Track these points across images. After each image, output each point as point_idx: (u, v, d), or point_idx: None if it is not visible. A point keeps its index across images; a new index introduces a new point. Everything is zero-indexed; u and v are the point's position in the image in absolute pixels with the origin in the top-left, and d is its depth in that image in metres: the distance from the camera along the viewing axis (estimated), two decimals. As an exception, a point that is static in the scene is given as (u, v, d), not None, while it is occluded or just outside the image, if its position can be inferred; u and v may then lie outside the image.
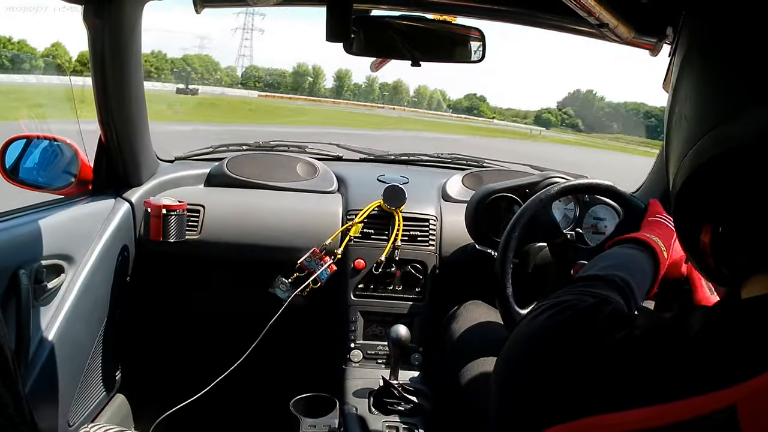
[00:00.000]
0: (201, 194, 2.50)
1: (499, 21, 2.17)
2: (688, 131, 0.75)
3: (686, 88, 0.77)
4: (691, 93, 0.76)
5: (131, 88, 2.12)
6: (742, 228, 0.69)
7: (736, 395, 0.56)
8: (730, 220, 0.71)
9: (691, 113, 0.75)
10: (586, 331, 0.73)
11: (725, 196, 0.69)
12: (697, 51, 0.76)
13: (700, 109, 0.74)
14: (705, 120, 0.71)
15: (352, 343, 2.29)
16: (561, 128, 75.67)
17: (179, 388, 2.66)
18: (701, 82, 0.75)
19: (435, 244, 2.40)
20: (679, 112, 0.78)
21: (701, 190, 0.72)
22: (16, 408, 0.90)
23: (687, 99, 0.77)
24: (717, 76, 0.72)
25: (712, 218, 0.73)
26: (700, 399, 0.57)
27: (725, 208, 0.70)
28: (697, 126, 0.73)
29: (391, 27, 1.98)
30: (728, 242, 0.72)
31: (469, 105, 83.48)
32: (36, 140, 2.14)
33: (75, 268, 1.99)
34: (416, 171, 2.95)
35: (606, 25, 1.70)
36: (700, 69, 0.75)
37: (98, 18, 1.93)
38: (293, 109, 60.97)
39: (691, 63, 0.77)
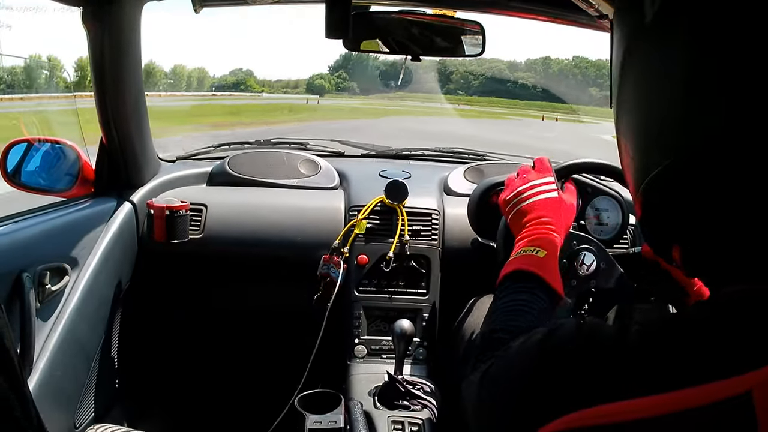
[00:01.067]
0: (203, 193, 2.50)
1: (499, 14, 2.17)
2: (639, 166, 0.76)
3: (626, 117, 0.78)
4: (631, 123, 0.77)
5: (131, 88, 2.13)
6: (706, 246, 0.70)
7: (752, 381, 0.56)
8: (694, 240, 0.72)
9: (635, 149, 0.77)
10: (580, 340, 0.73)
11: (686, 219, 0.70)
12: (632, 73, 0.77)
13: (643, 141, 0.75)
14: (653, 150, 0.73)
15: (357, 338, 2.29)
16: (335, 93, 70.89)
17: (185, 387, 2.67)
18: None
19: (438, 239, 2.40)
20: (626, 147, 0.79)
21: (663, 214, 0.73)
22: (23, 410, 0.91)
23: (628, 131, 0.78)
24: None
25: (678, 239, 0.74)
26: (713, 386, 0.58)
27: (688, 229, 0.71)
28: (646, 159, 0.74)
29: (391, 22, 1.98)
30: (696, 259, 0.73)
31: (236, 81, 79.65)
32: (37, 143, 2.14)
33: (78, 270, 2.00)
34: (418, 166, 2.95)
35: (605, 16, 1.70)
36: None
37: (97, 20, 1.94)
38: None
39: (629, 85, 0.77)
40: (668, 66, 0.69)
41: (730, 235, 0.67)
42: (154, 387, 2.63)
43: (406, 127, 20.83)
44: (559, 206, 1.55)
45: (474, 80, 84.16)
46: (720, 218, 0.66)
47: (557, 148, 14.13)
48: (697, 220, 0.69)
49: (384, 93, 69.89)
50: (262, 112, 36.24)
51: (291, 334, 2.61)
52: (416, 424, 1.87)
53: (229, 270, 2.50)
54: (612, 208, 2.08)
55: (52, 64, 7.30)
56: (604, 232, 2.06)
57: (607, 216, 2.07)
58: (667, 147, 0.69)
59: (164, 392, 2.68)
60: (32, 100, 4.76)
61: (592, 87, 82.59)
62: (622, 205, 2.07)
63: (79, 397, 2.02)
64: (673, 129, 0.69)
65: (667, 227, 0.75)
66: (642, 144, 0.75)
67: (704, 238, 0.70)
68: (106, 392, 2.25)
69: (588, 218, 2.06)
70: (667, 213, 0.73)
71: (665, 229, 0.75)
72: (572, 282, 1.83)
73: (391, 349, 2.26)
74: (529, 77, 61.94)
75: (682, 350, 0.63)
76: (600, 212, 2.07)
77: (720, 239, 0.68)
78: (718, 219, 0.67)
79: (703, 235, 0.70)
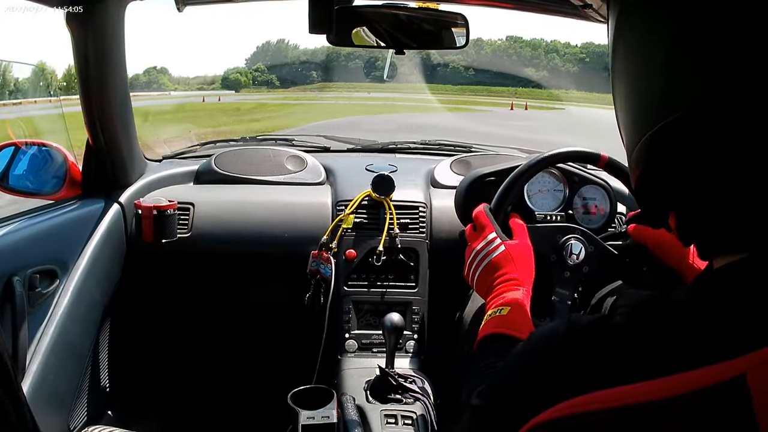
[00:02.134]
0: (190, 192, 2.50)
1: (483, 5, 2.17)
2: (630, 132, 0.77)
3: (617, 85, 0.79)
4: (622, 90, 0.78)
5: (116, 89, 2.13)
6: (698, 213, 0.71)
7: (746, 365, 0.56)
8: (686, 207, 0.72)
9: (625, 116, 0.78)
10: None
11: (677, 185, 0.70)
12: (622, 42, 0.78)
13: (633, 107, 0.76)
14: (641, 117, 0.73)
15: (347, 333, 2.29)
16: (253, 88, 67.22)
17: (177, 387, 2.67)
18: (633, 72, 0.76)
19: (425, 231, 2.40)
20: (619, 115, 0.80)
21: (655, 181, 0.73)
22: (18, 415, 0.91)
23: (620, 98, 0.79)
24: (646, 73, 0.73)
25: (671, 205, 0.74)
26: (706, 370, 0.58)
27: (679, 195, 0.71)
28: (635, 126, 0.75)
29: (374, 16, 1.98)
30: (689, 226, 0.73)
31: (147, 80, 76.69)
32: (24, 146, 2.13)
33: (68, 272, 1.99)
34: (404, 159, 2.95)
35: (590, 5, 1.71)
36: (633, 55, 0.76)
37: (81, 21, 1.93)
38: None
39: (620, 55, 0.78)
40: (654, 38, 0.70)
41: (724, 201, 0.66)
42: (147, 387, 2.63)
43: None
44: (509, 258, 1.59)
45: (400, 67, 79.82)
46: (713, 183, 0.66)
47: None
48: (691, 184, 0.69)
49: (305, 85, 67.11)
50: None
51: (282, 330, 2.61)
52: (409, 417, 1.87)
53: (219, 268, 2.50)
54: (599, 196, 2.09)
55: (40, 68, 7.15)
56: (592, 221, 2.06)
57: (594, 204, 2.08)
58: (658, 111, 0.70)
59: (157, 392, 2.68)
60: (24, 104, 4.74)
61: (528, 67, 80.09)
62: (609, 194, 2.08)
63: (72, 399, 2.02)
64: (661, 95, 0.70)
65: (661, 192, 0.75)
66: (636, 106, 0.75)
67: (698, 203, 0.70)
68: (100, 394, 2.25)
69: (575, 207, 2.07)
70: (660, 177, 0.73)
71: (659, 195, 0.75)
72: (565, 273, 1.84)
73: (381, 343, 2.26)
74: (460, 60, 58.93)
75: (672, 334, 0.63)
76: (587, 201, 2.08)
77: (714, 204, 0.67)
78: (712, 184, 0.66)
79: (696, 200, 0.69)
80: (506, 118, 26.31)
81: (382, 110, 28.53)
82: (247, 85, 70.18)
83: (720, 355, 0.58)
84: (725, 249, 0.69)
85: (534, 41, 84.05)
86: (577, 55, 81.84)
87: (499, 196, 1.86)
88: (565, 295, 1.85)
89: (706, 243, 0.73)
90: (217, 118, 23.64)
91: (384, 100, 34.37)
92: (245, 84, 72.49)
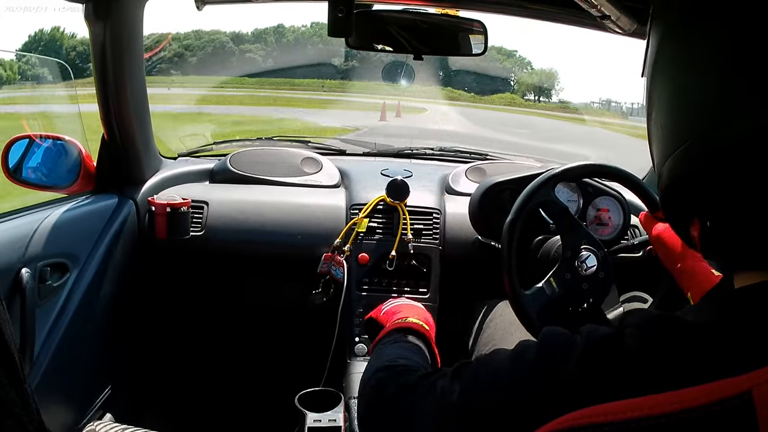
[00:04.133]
0: (204, 191, 2.50)
1: (502, 14, 2.17)
2: (669, 136, 0.75)
3: (660, 88, 0.77)
4: (666, 94, 0.76)
5: (133, 85, 2.13)
6: (728, 225, 0.70)
7: (752, 381, 0.56)
8: (716, 216, 0.71)
9: (666, 119, 0.76)
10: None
11: (712, 193, 0.69)
12: (671, 45, 0.76)
13: (678, 114, 0.74)
14: (687, 125, 0.71)
15: (357, 337, 2.29)
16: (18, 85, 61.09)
17: (185, 384, 2.67)
18: (677, 83, 0.74)
19: (439, 238, 2.40)
20: (656, 117, 0.78)
21: (689, 186, 0.72)
22: (24, 407, 0.90)
23: (661, 101, 0.77)
24: (696, 77, 0.71)
25: (700, 213, 0.73)
26: (712, 386, 0.57)
27: (712, 204, 0.71)
28: (677, 132, 0.73)
29: (393, 21, 1.98)
30: (716, 237, 0.72)
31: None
32: (39, 139, 2.14)
33: (79, 266, 2.00)
34: (420, 165, 2.95)
35: (608, 17, 1.70)
36: (675, 67, 0.75)
37: (100, 17, 1.94)
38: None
39: (666, 58, 0.76)
40: (700, 57, 0.69)
41: (753, 215, 0.66)
42: (154, 384, 2.64)
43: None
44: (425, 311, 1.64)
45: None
46: (743, 197, 0.66)
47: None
48: (720, 195, 0.68)
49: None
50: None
51: (291, 331, 2.61)
52: None
53: (230, 267, 2.50)
54: (613, 208, 2.09)
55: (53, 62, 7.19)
56: (605, 232, 2.06)
57: (608, 216, 2.07)
58: (697, 128, 0.69)
59: (165, 389, 2.69)
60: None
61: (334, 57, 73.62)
62: (623, 205, 2.07)
63: (79, 393, 2.03)
64: (704, 112, 0.69)
65: (688, 200, 0.74)
66: (673, 119, 0.74)
67: (725, 214, 0.69)
68: (107, 389, 2.25)
69: (589, 218, 2.06)
70: (690, 187, 0.72)
71: (686, 203, 0.75)
72: (566, 275, 1.83)
73: None
74: (258, 49, 52.42)
75: (679, 350, 0.63)
76: (600, 212, 2.07)
77: (741, 217, 0.67)
78: (741, 198, 0.66)
79: (724, 211, 0.69)
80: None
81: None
82: (13, 79, 63.13)
83: (726, 371, 0.57)
84: (749, 265, 0.68)
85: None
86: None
87: (516, 209, 1.85)
88: (551, 288, 1.83)
89: (731, 257, 0.72)
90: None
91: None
92: (11, 78, 65.84)
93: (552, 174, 1.85)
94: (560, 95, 67.60)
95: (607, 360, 0.67)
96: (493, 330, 2.07)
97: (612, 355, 0.67)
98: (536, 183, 1.85)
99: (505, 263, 1.79)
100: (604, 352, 0.68)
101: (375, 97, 25.57)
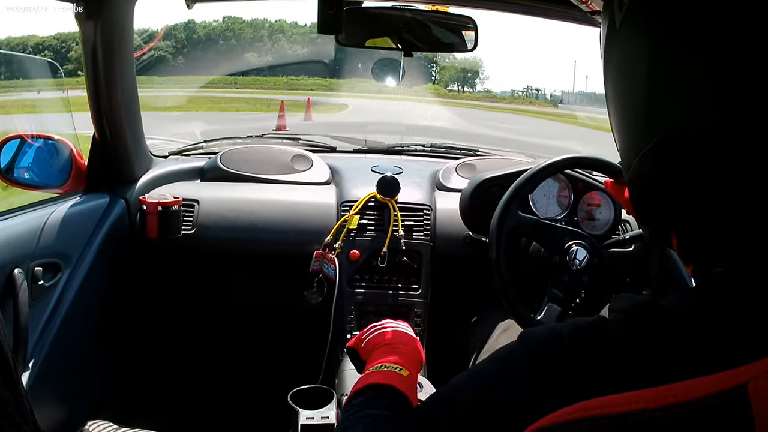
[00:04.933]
0: (195, 189, 2.50)
1: (492, 9, 2.17)
2: (625, 147, 0.76)
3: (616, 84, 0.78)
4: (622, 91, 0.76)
5: (124, 84, 2.13)
6: (696, 231, 0.70)
7: (747, 374, 0.55)
8: (684, 226, 0.72)
9: (628, 119, 0.76)
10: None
11: (683, 198, 0.69)
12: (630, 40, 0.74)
13: (636, 115, 0.73)
14: (650, 124, 0.71)
15: (348, 334, 2.29)
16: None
17: (178, 382, 2.67)
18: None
19: (430, 234, 2.40)
20: (620, 117, 0.78)
21: (659, 194, 0.72)
22: (18, 407, 0.91)
23: (617, 99, 0.78)
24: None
25: (673, 226, 0.74)
26: (706, 379, 0.57)
27: (684, 211, 0.71)
28: (630, 146, 0.74)
29: (383, 18, 1.99)
30: (690, 245, 0.73)
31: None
32: (30, 139, 2.14)
33: (71, 266, 2.00)
34: (410, 161, 2.96)
35: (598, 12, 1.70)
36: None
37: (90, 16, 1.94)
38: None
39: (626, 53, 0.76)
40: (637, 62, 0.70)
41: (718, 216, 0.66)
42: (147, 382, 2.63)
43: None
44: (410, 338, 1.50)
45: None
46: (707, 199, 0.66)
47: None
48: (684, 202, 0.69)
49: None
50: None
51: (283, 329, 2.61)
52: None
53: (222, 266, 2.50)
54: (604, 203, 2.09)
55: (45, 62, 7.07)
56: (597, 227, 2.07)
57: (599, 211, 2.08)
58: (646, 132, 0.70)
59: (158, 388, 2.69)
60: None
61: (249, 52, 65.86)
62: (614, 200, 2.08)
63: (73, 393, 2.03)
64: (647, 117, 0.69)
65: (655, 215, 0.75)
66: (626, 128, 0.75)
67: (693, 221, 0.69)
68: (100, 388, 2.25)
69: (580, 213, 2.07)
70: (655, 196, 0.73)
71: (655, 217, 0.75)
72: (564, 277, 1.84)
73: None
74: (168, 47, 47.86)
75: (671, 341, 0.63)
76: (591, 208, 2.08)
77: (709, 220, 0.67)
78: (705, 200, 0.66)
79: (691, 218, 0.69)
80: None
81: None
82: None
83: (721, 364, 0.57)
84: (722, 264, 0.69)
85: (256, 21, 70.62)
86: (306, 36, 67.75)
87: (503, 204, 1.86)
88: (558, 297, 1.85)
89: (705, 261, 0.72)
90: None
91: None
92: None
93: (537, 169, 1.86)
94: (485, 84, 65.49)
95: (596, 349, 0.67)
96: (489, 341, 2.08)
97: (600, 344, 0.67)
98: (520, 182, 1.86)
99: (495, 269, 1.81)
100: (592, 341, 0.68)
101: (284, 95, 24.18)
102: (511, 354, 0.78)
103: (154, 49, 4.58)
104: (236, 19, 68.78)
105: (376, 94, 21.99)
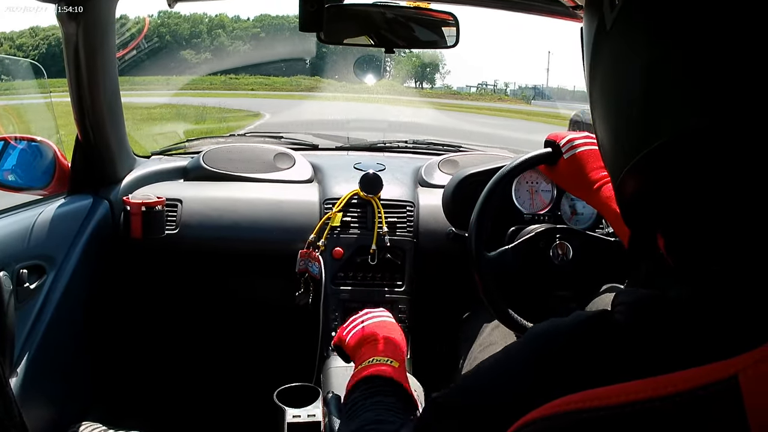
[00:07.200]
0: (178, 189, 2.50)
1: (474, 5, 2.18)
2: (615, 154, 0.76)
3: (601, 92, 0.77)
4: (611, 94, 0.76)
5: (106, 84, 2.13)
6: (689, 233, 0.71)
7: (738, 365, 0.56)
8: (676, 228, 0.72)
9: (607, 136, 0.76)
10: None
11: (673, 201, 0.70)
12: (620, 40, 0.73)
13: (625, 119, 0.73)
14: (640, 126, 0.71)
15: (333, 331, 2.28)
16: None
17: (164, 383, 2.67)
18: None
19: (413, 230, 2.41)
20: (607, 123, 0.77)
21: (650, 197, 0.73)
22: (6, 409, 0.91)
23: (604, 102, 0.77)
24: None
25: (661, 226, 0.74)
26: (698, 369, 0.57)
27: (670, 217, 0.71)
28: (622, 153, 0.73)
29: (364, 15, 1.99)
30: (681, 247, 0.73)
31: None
32: (14, 141, 2.13)
33: (56, 268, 1.99)
34: (393, 158, 2.96)
35: (581, 6, 1.71)
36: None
37: (72, 16, 1.93)
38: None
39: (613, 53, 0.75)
40: (633, 65, 0.69)
41: (712, 217, 0.66)
42: (135, 384, 2.63)
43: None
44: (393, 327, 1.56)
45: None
46: (702, 201, 0.66)
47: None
48: (672, 209, 0.69)
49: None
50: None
51: (269, 328, 2.61)
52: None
53: (206, 265, 2.50)
54: None
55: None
56: (580, 221, 2.08)
57: (582, 205, 2.09)
58: (641, 137, 0.69)
59: (145, 389, 2.68)
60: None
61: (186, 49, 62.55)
62: None
63: (61, 395, 2.02)
64: (640, 122, 0.69)
65: (642, 217, 0.75)
66: (617, 134, 0.74)
67: (686, 224, 0.70)
68: (88, 390, 2.25)
69: (563, 208, 2.08)
70: (647, 204, 0.73)
71: (642, 220, 0.76)
72: (548, 272, 1.85)
73: None
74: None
75: (667, 333, 0.63)
76: (575, 202, 2.09)
77: (703, 222, 0.67)
78: (700, 202, 0.66)
79: (685, 221, 0.70)
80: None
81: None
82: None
83: (714, 354, 0.58)
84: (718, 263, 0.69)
85: (195, 16, 68.56)
86: (249, 30, 70.58)
87: (482, 199, 1.86)
88: (565, 297, 1.86)
89: (699, 260, 0.72)
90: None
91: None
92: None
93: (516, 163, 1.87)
94: (446, 80, 63.59)
95: (598, 340, 0.67)
96: (482, 353, 2.08)
97: (603, 335, 0.68)
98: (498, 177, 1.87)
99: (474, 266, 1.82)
100: (594, 333, 0.69)
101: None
102: (514, 346, 0.79)
103: (136, 48, 4.51)
104: (174, 13, 65.35)
105: (304, 92, 21.27)
